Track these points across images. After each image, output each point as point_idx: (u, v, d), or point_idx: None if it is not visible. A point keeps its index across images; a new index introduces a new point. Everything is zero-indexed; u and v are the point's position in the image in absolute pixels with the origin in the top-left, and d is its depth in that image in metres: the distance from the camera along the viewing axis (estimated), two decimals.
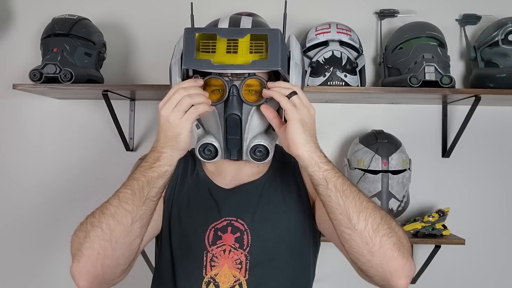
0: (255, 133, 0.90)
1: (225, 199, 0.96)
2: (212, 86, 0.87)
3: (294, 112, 0.81)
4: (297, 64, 0.90)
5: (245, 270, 0.91)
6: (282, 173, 1.01)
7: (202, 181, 0.99)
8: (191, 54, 0.83)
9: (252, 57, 0.83)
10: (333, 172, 0.81)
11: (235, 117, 0.86)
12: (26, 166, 1.74)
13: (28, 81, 1.48)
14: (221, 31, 0.84)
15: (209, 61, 0.82)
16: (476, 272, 1.69)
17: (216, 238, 0.92)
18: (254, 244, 0.92)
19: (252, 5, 1.66)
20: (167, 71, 0.97)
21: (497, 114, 1.71)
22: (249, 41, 0.83)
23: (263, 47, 0.83)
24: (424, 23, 1.58)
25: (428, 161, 1.70)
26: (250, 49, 0.83)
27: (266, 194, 0.97)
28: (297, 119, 0.81)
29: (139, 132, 1.74)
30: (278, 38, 0.82)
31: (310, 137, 0.83)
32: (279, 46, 0.82)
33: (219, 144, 0.89)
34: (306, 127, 0.82)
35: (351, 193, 0.80)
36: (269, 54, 0.82)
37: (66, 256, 1.76)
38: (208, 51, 0.84)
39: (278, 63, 0.82)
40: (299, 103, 0.82)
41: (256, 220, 0.94)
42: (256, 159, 0.89)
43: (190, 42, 0.83)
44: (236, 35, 0.83)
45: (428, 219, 1.49)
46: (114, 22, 1.75)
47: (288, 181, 1.00)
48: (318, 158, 0.81)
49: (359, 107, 1.72)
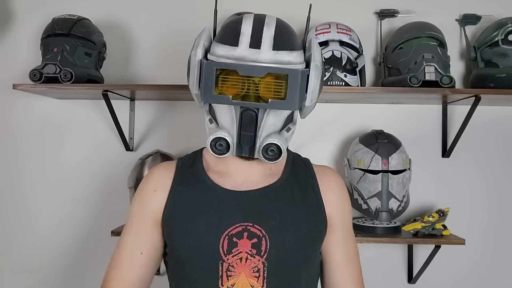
0: (269, 132, 0.89)
1: (239, 203, 0.93)
2: (231, 80, 0.86)
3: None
4: (317, 67, 0.88)
5: (263, 279, 0.88)
6: (298, 178, 0.99)
7: (209, 187, 0.95)
8: (210, 90, 0.85)
9: (270, 95, 0.85)
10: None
11: (251, 113, 0.86)
12: (26, 166, 1.74)
13: (28, 81, 1.48)
14: (240, 68, 0.84)
15: (228, 98, 0.84)
16: (476, 272, 1.69)
17: (232, 246, 0.89)
18: (272, 251, 0.89)
19: (257, 2, 1.66)
20: (167, 71, 0.98)
21: (497, 114, 1.71)
22: (269, 80, 0.85)
23: (282, 87, 0.85)
24: (424, 23, 1.58)
25: (428, 161, 1.70)
26: (268, 90, 0.85)
27: (285, 199, 0.94)
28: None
29: (139, 132, 1.74)
30: (298, 80, 0.84)
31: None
32: (297, 88, 0.84)
33: (232, 139, 0.88)
34: None
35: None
36: (288, 95, 0.84)
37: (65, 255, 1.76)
38: (227, 86, 0.86)
39: (296, 104, 0.85)
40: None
41: (275, 226, 0.91)
42: (268, 159, 0.88)
43: (210, 77, 0.84)
44: (255, 72, 0.83)
45: (428, 219, 1.49)
46: (114, 22, 1.75)
47: (305, 188, 0.97)
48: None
49: (359, 107, 1.72)
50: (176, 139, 1.73)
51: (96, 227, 1.71)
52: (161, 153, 1.59)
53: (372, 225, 1.53)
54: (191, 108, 1.71)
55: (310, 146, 1.71)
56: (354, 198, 1.57)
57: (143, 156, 1.59)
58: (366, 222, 1.56)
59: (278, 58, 0.86)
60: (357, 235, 1.49)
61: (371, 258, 1.66)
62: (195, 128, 1.71)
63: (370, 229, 1.53)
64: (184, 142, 1.72)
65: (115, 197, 1.71)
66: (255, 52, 0.85)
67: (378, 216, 1.52)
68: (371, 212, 1.53)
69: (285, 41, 0.88)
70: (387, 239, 1.49)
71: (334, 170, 1.05)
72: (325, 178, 1.00)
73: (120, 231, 1.52)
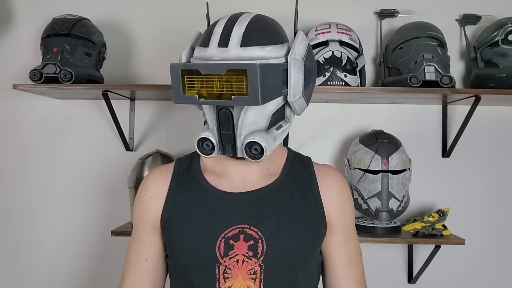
0: (251, 130, 0.87)
1: (235, 205, 0.92)
2: (195, 80, 0.85)
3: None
4: (295, 59, 0.87)
5: (260, 281, 0.87)
6: (297, 178, 0.97)
7: (206, 190, 0.95)
8: (178, 91, 0.85)
9: (233, 92, 0.83)
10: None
11: (226, 112, 0.86)
12: (26, 166, 1.75)
13: (28, 81, 1.48)
14: (202, 67, 0.83)
15: (194, 97, 0.84)
16: (476, 272, 1.70)
17: (228, 248, 0.88)
18: (269, 253, 0.88)
19: (256, 3, 1.66)
20: (167, 71, 0.97)
21: (497, 114, 1.71)
22: (230, 75, 0.82)
23: (242, 83, 0.81)
24: (424, 23, 1.58)
25: (428, 161, 1.70)
26: (230, 87, 0.82)
27: (282, 201, 0.93)
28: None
29: (139, 132, 1.74)
30: (257, 74, 0.80)
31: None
32: (257, 82, 0.80)
33: (215, 139, 0.88)
34: None
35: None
36: (249, 90, 0.81)
37: (65, 255, 1.76)
38: (193, 86, 0.85)
39: (258, 100, 0.81)
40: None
41: (272, 228, 0.90)
42: (252, 157, 0.86)
43: (177, 78, 0.84)
44: (215, 70, 0.82)
45: (428, 219, 1.49)
46: (114, 22, 1.76)
47: (303, 188, 0.96)
48: None
49: (359, 107, 1.72)
50: (176, 139, 1.73)
51: (96, 227, 1.72)
52: (161, 153, 1.59)
53: (372, 225, 1.53)
54: (191, 108, 1.70)
55: (310, 146, 1.71)
56: (354, 198, 1.57)
57: (143, 156, 1.59)
58: (366, 222, 1.56)
59: (247, 54, 0.85)
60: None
61: (371, 258, 1.66)
62: (195, 128, 1.71)
63: (370, 229, 1.53)
64: (184, 142, 1.72)
65: (115, 197, 1.71)
66: (223, 50, 0.85)
67: (378, 216, 1.52)
68: (371, 212, 1.53)
69: (256, 37, 0.86)
70: (387, 239, 1.49)
71: (335, 169, 1.04)
72: (325, 178, 0.99)
73: (120, 231, 1.53)
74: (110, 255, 1.71)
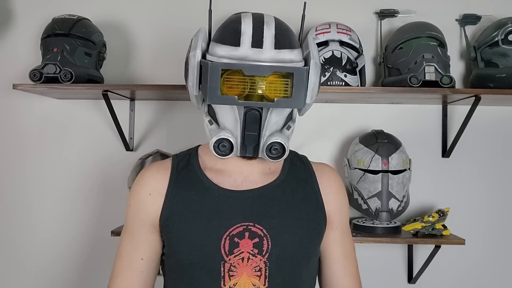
0: (272, 131, 0.89)
1: (239, 203, 0.92)
2: (235, 80, 0.85)
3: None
4: (316, 64, 0.88)
5: (265, 278, 0.88)
6: (297, 176, 0.99)
7: (207, 188, 0.94)
8: (215, 91, 0.84)
9: (275, 94, 0.85)
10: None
11: (255, 113, 0.86)
12: (26, 166, 1.74)
13: (28, 81, 1.48)
14: (246, 68, 0.83)
15: (234, 98, 0.84)
16: (476, 272, 1.70)
17: (233, 246, 0.89)
18: (274, 250, 0.89)
19: (257, 2, 1.66)
20: (167, 71, 0.97)
21: (497, 114, 1.71)
22: (274, 78, 0.84)
23: (288, 85, 0.84)
24: (424, 23, 1.58)
25: (428, 161, 1.70)
26: (273, 89, 0.85)
27: (284, 198, 0.94)
28: None
29: (139, 132, 1.74)
30: (304, 78, 0.84)
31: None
32: (303, 86, 0.84)
33: (235, 140, 0.87)
34: None
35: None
36: (294, 93, 0.84)
37: (64, 255, 1.76)
38: (231, 86, 0.85)
39: (302, 102, 0.85)
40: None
41: (276, 225, 0.91)
42: (271, 157, 0.87)
43: (215, 78, 0.83)
44: (260, 72, 0.83)
45: (428, 219, 1.49)
46: (114, 22, 1.75)
47: (304, 186, 0.98)
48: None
49: (359, 107, 1.72)
50: (176, 139, 1.73)
51: (96, 227, 1.72)
52: (161, 153, 1.59)
53: (372, 225, 1.53)
54: (191, 108, 1.71)
55: (310, 146, 1.71)
56: (354, 198, 1.57)
57: (143, 156, 1.59)
58: (366, 222, 1.56)
59: (280, 57, 0.86)
60: (357, 235, 1.50)
61: (371, 258, 1.66)
62: (195, 128, 1.71)
63: (370, 229, 1.53)
64: (184, 142, 1.72)
65: (115, 197, 1.71)
66: (258, 51, 0.85)
67: (378, 216, 1.52)
68: (371, 212, 1.53)
69: (286, 40, 0.88)
70: (387, 239, 1.49)
71: (332, 168, 1.06)
72: (324, 176, 1.01)
73: (120, 231, 1.52)
74: (110, 255, 1.70)
